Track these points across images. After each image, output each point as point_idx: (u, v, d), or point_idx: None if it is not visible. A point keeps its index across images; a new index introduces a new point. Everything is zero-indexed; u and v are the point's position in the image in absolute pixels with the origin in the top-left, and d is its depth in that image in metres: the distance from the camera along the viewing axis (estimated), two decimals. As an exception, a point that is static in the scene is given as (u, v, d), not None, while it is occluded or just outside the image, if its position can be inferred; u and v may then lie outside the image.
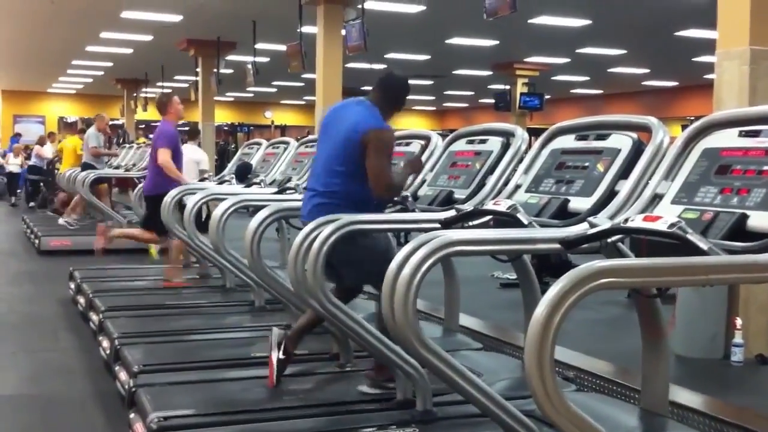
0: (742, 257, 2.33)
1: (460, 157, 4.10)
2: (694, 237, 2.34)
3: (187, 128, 11.51)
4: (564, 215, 3.08)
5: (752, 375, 4.97)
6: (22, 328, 6.19)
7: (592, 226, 2.70)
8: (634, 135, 3.16)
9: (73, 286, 6.89)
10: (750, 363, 5.03)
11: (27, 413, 4.24)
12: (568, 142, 3.44)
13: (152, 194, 6.76)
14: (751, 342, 5.07)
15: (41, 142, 17.21)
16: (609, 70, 19.53)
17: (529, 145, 3.74)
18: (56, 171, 14.48)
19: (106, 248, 7.27)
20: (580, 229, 2.76)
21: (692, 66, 17.40)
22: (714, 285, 4.27)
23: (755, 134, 2.66)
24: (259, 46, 14.47)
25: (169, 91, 13.32)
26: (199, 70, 17.02)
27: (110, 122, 14.99)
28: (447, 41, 15.57)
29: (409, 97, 4.05)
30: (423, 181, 4.23)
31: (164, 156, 6.69)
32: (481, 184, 3.76)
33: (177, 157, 6.84)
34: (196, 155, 8.54)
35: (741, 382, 4.90)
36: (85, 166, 10.98)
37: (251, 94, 27.84)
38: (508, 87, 18.32)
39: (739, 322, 5.02)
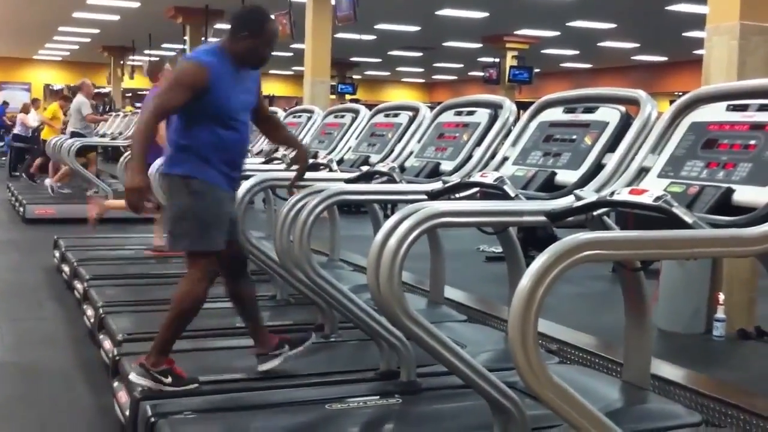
0: (726, 231, 2.33)
1: (447, 128, 4.08)
2: (679, 210, 2.34)
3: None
4: (551, 188, 3.07)
5: (733, 349, 5.02)
6: (6, 296, 6.17)
7: (579, 199, 2.69)
8: (622, 108, 3.14)
9: (57, 254, 6.85)
10: (731, 338, 5.08)
11: (10, 382, 4.23)
12: (556, 114, 3.42)
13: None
14: (732, 317, 5.12)
15: (25, 109, 16.97)
16: (599, 44, 19.48)
17: (517, 118, 3.72)
18: (41, 138, 14.28)
19: (99, 218, 7.16)
20: (566, 202, 2.75)
21: (682, 41, 17.37)
22: (698, 259, 4.33)
23: (743, 108, 2.65)
24: (248, 14, 14.30)
25: (158, 59, 13.18)
26: (186, 38, 16.83)
27: (96, 90, 14.80)
28: (437, 12, 15.46)
29: (399, 68, 3.97)
30: (410, 153, 4.21)
31: None
32: (469, 156, 3.74)
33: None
34: None
35: (722, 356, 4.94)
36: (74, 135, 10.85)
37: (239, 64, 27.59)
38: (497, 60, 18.23)
39: (721, 297, 5.06)
